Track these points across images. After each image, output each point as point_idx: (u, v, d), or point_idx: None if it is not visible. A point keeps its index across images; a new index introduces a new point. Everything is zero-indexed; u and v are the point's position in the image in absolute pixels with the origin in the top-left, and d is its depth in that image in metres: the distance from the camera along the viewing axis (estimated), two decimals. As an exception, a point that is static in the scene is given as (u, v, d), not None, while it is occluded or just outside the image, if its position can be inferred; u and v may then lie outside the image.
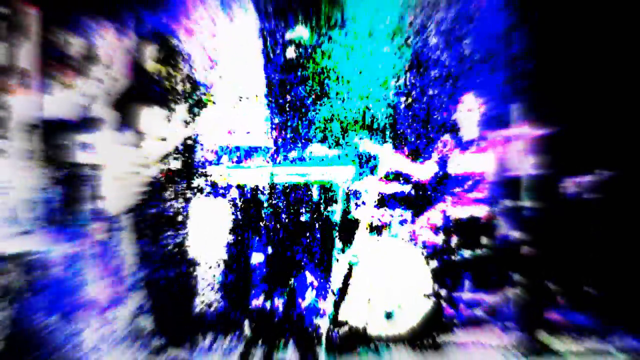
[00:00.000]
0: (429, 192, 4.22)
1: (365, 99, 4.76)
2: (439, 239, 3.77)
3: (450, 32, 4.76)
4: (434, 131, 4.55)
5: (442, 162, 4.18)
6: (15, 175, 3.31)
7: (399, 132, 4.78)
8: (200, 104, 3.35)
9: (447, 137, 4.22)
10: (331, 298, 3.32)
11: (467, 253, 3.69)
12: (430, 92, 4.82)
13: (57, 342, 2.89)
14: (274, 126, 4.62)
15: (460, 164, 4.09)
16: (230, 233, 3.53)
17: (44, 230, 3.26)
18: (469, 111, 4.08)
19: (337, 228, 3.39)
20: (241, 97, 3.21)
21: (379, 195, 4.04)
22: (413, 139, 4.71)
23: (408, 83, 4.83)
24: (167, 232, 3.28)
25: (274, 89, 4.66)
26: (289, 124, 4.62)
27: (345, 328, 3.30)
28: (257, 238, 3.50)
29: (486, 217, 3.51)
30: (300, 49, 4.36)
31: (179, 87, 3.38)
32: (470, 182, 4.00)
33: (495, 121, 4.08)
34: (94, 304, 3.10)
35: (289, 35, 2.94)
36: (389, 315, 3.38)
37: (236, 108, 3.25)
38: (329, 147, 4.43)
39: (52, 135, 3.41)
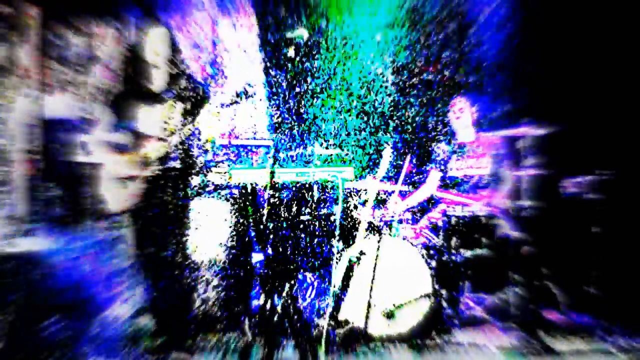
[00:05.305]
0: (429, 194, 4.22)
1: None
2: (439, 239, 3.77)
3: (450, 34, 4.76)
4: (433, 134, 4.56)
5: (443, 164, 4.17)
6: (15, 175, 3.31)
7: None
8: (199, 103, 3.34)
9: (445, 140, 4.22)
10: (331, 298, 3.32)
11: (467, 253, 3.69)
12: (429, 94, 4.82)
13: (57, 342, 2.89)
14: (274, 126, 4.62)
15: (459, 165, 4.08)
16: (230, 233, 3.53)
17: (44, 230, 3.26)
18: (464, 112, 4.08)
19: (337, 228, 3.38)
20: (241, 97, 3.21)
21: (379, 195, 4.04)
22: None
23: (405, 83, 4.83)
24: (167, 232, 3.28)
25: (274, 88, 4.66)
26: (289, 123, 4.62)
27: (345, 328, 3.30)
28: (257, 238, 3.50)
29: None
30: (300, 48, 4.36)
31: (179, 87, 3.38)
32: (470, 183, 4.00)
33: (495, 122, 4.08)
34: (94, 303, 3.10)
35: (289, 35, 2.94)
36: (389, 315, 3.38)
37: (236, 107, 3.25)
38: (329, 147, 4.43)
39: (52, 135, 3.41)
